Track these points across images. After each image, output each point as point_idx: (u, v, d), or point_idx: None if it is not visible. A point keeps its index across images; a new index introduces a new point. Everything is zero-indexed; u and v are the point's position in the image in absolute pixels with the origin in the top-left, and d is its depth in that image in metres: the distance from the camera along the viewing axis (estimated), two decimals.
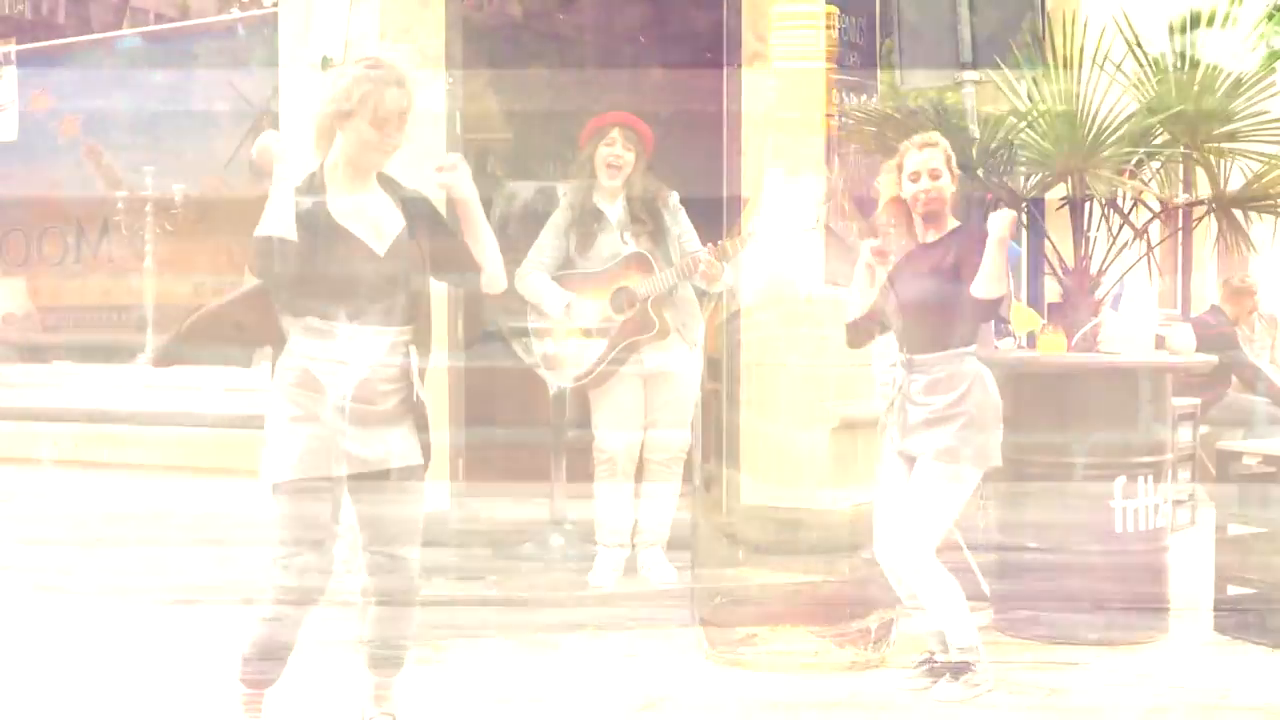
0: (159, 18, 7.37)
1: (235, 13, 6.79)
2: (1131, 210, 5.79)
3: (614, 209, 5.62)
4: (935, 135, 4.66)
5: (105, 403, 6.49)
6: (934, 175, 4.53)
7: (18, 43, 7.10)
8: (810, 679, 4.80)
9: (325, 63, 5.47)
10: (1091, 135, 5.37)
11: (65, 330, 7.13)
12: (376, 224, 3.70)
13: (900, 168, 4.59)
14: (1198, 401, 8.17)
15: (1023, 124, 5.49)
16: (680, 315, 5.64)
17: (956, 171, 4.58)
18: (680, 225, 5.65)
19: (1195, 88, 5.44)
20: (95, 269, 6.95)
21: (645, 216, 5.59)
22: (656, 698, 4.62)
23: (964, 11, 5.77)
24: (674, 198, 5.67)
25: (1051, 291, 6.36)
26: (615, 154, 5.55)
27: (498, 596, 5.45)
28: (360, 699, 4.09)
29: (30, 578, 6.08)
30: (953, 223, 4.65)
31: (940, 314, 4.53)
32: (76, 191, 7.00)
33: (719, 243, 5.54)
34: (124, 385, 6.54)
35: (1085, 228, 5.58)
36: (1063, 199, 5.62)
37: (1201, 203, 5.96)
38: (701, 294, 5.89)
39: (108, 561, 6.08)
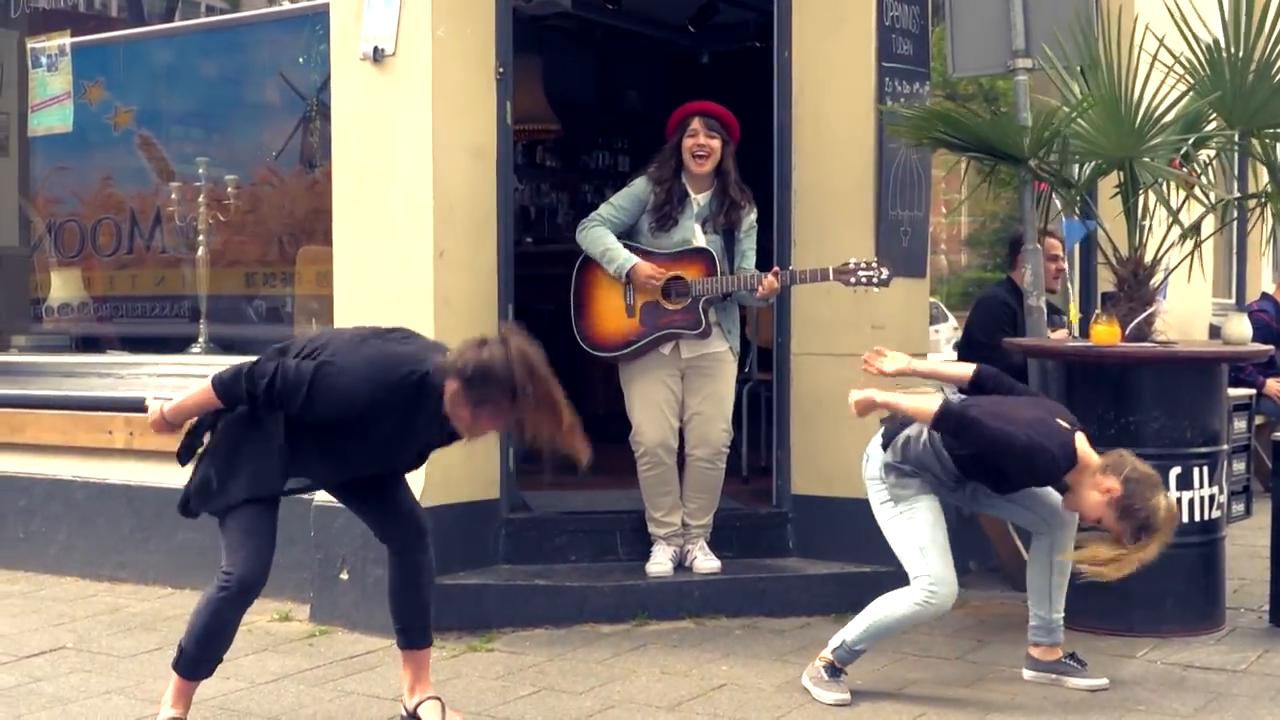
0: (211, 10, 7.42)
1: (287, 4, 6.82)
2: (1184, 202, 5.73)
3: (700, 199, 5.63)
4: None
5: (157, 391, 6.53)
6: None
7: (73, 34, 7.16)
8: None
9: (377, 54, 5.49)
10: (1140, 123, 5.33)
11: (119, 320, 7.19)
12: None
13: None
14: (1253, 392, 8.10)
15: (1075, 112, 5.45)
16: (723, 316, 5.63)
17: None
18: (748, 242, 5.65)
19: (1250, 74, 5.39)
20: (148, 259, 7.01)
21: (726, 219, 5.60)
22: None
23: None
24: (753, 214, 5.68)
25: (1105, 281, 6.31)
26: (699, 142, 5.56)
27: (548, 585, 5.45)
28: (402, 685, 4.19)
29: None
30: None
31: None
32: (130, 182, 7.06)
33: (787, 269, 5.58)
34: (176, 374, 6.59)
35: (1139, 216, 5.53)
36: (1116, 187, 5.58)
37: (1255, 196, 5.89)
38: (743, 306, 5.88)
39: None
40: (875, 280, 5.35)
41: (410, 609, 4.12)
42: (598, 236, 5.60)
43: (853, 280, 5.36)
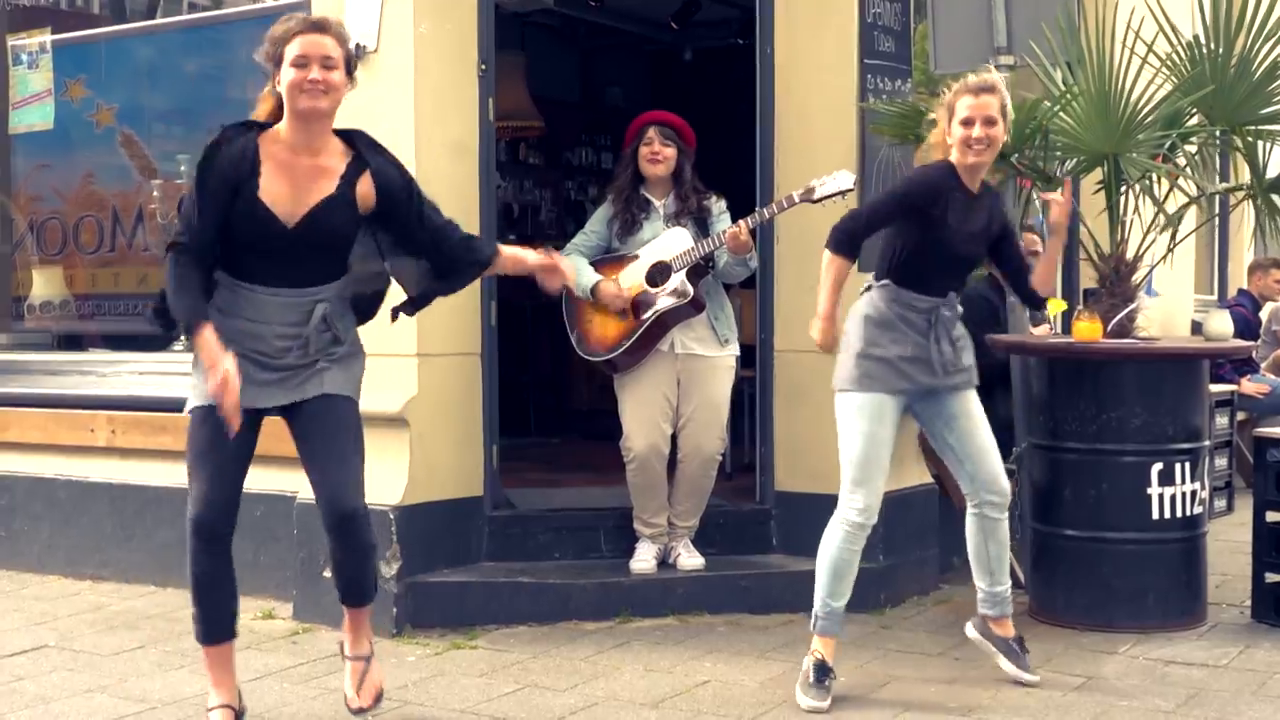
0: (193, 7, 7.40)
1: (269, 2, 6.80)
2: (1167, 196, 5.75)
3: (661, 204, 5.67)
4: (993, 79, 4.52)
5: (139, 389, 6.53)
6: (989, 123, 4.41)
7: (54, 32, 7.14)
8: None
9: (359, 51, 5.47)
10: (1124, 119, 5.34)
11: (101, 318, 7.17)
12: None
13: (952, 111, 4.47)
14: (1235, 388, 8.13)
15: (1057, 108, 5.46)
16: (714, 305, 5.63)
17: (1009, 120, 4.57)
18: (722, 225, 5.63)
19: (1231, 69, 5.40)
20: (130, 257, 6.98)
21: (692, 212, 5.62)
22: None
23: None
24: (720, 202, 5.70)
25: (1087, 277, 6.33)
26: (653, 150, 5.62)
27: (531, 583, 5.45)
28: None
29: None
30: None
31: (970, 265, 4.73)
32: (112, 180, 7.04)
33: (756, 209, 5.57)
34: (158, 372, 6.58)
35: (1121, 213, 5.55)
36: (1098, 184, 5.59)
37: (1240, 188, 5.92)
38: (730, 288, 5.87)
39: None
40: (840, 188, 5.25)
41: (336, 574, 4.12)
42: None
43: (817, 197, 5.29)
